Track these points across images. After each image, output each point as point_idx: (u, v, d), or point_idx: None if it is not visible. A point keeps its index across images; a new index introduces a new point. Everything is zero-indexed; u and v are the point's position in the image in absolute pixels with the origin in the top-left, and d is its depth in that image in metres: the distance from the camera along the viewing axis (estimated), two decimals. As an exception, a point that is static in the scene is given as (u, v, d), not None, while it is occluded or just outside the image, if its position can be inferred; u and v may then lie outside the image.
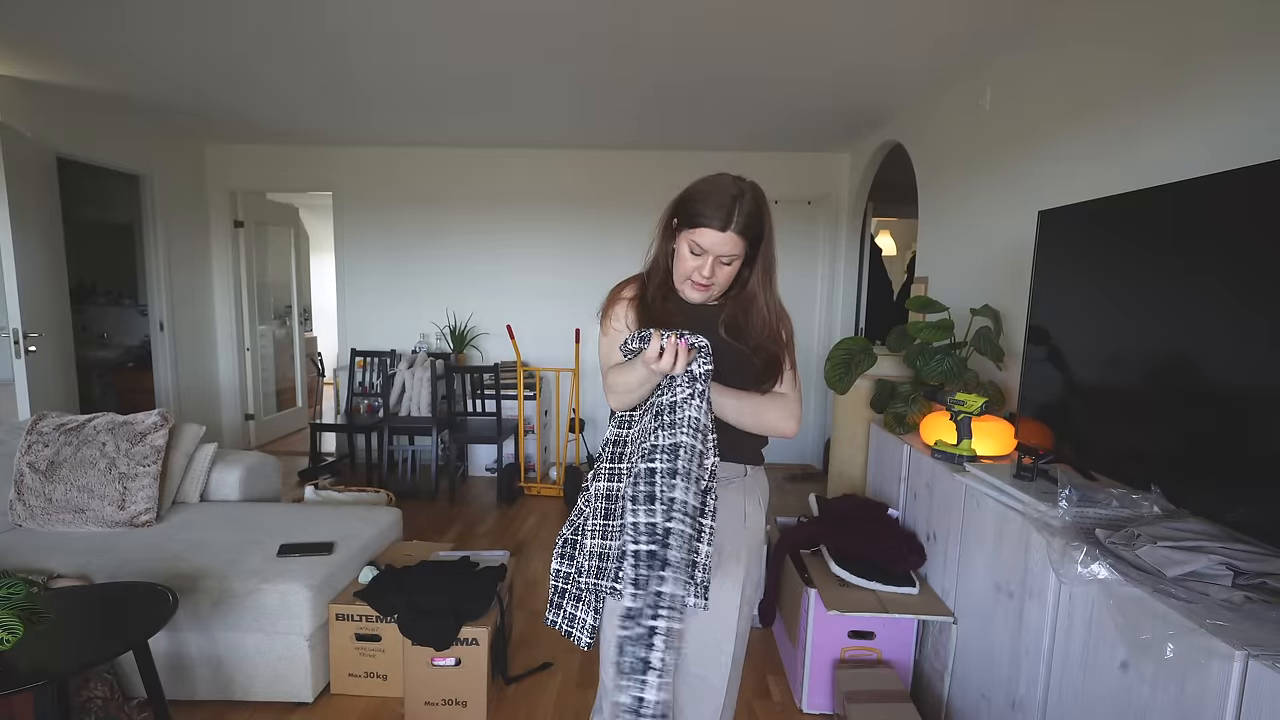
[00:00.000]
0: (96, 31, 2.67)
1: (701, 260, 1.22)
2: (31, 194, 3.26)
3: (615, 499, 1.20)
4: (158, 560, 2.08)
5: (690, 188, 1.24)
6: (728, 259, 1.22)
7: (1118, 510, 1.36)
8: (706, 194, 1.20)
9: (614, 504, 1.20)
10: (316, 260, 7.29)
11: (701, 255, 1.22)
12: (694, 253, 1.23)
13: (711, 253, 1.21)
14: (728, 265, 1.23)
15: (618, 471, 1.22)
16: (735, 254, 1.21)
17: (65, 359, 3.52)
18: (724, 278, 1.24)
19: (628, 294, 1.35)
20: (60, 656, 1.41)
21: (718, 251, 1.20)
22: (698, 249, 1.22)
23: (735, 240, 1.19)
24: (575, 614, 1.27)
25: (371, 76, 3.16)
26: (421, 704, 1.99)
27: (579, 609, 1.27)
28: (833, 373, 2.49)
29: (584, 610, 1.26)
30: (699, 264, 1.23)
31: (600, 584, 1.21)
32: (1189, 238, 1.32)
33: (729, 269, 1.24)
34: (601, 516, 1.22)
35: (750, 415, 1.27)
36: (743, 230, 1.19)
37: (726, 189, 1.20)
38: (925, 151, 3.32)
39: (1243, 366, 1.19)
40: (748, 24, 2.46)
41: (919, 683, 2.05)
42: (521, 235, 4.78)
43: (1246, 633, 0.97)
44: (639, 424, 1.20)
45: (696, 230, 1.20)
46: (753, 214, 1.20)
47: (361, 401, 4.57)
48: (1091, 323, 1.59)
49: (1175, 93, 1.74)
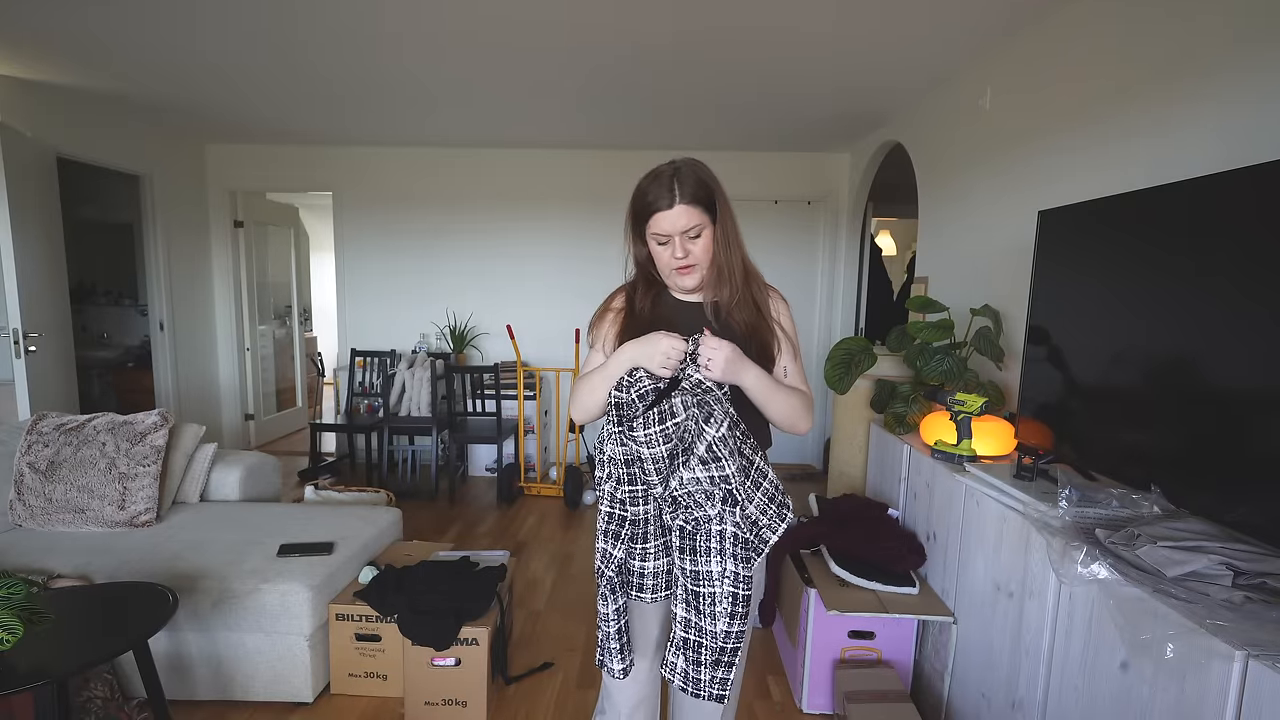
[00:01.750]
0: (96, 31, 2.67)
1: (670, 245, 1.24)
2: (31, 194, 3.26)
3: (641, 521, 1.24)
4: (158, 560, 2.08)
5: (635, 189, 1.27)
6: (693, 232, 1.23)
7: (1118, 510, 1.36)
8: (646, 186, 1.24)
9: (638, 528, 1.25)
10: (316, 260, 7.29)
11: (668, 241, 1.24)
12: (661, 243, 1.25)
13: (674, 233, 1.22)
14: (696, 239, 1.24)
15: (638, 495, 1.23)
16: (696, 224, 1.22)
17: (65, 359, 3.52)
18: (700, 250, 1.25)
19: (616, 304, 1.37)
20: (60, 656, 1.41)
21: (678, 228, 1.22)
22: (661, 237, 1.24)
23: (688, 211, 1.21)
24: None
25: (372, 77, 3.16)
26: (421, 704, 1.99)
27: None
28: (833, 373, 2.49)
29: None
30: (670, 249, 1.24)
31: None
32: (1190, 238, 1.32)
33: (700, 241, 1.24)
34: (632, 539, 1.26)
35: (780, 402, 1.28)
36: (690, 198, 1.20)
37: (662, 171, 1.23)
38: (925, 151, 3.32)
39: (1243, 366, 1.19)
40: (748, 25, 2.45)
41: (919, 683, 2.05)
42: (522, 235, 4.78)
43: (1246, 633, 0.97)
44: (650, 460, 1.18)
45: (651, 219, 1.23)
46: (695, 181, 1.21)
47: (361, 401, 4.57)
48: (1092, 323, 1.59)
49: (1175, 92, 1.73)
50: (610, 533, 1.25)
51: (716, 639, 1.18)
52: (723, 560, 1.16)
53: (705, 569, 1.17)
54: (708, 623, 1.18)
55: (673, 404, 1.13)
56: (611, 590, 1.27)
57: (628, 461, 1.21)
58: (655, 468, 1.15)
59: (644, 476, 1.19)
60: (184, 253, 4.59)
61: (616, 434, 1.21)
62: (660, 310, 1.33)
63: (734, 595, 1.17)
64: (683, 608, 1.21)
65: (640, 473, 1.20)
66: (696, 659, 1.20)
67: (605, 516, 1.26)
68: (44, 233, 3.36)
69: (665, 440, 1.13)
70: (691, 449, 1.13)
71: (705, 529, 1.17)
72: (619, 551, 1.25)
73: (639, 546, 1.25)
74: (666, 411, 1.13)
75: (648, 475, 1.18)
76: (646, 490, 1.21)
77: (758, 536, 1.19)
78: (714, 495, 1.14)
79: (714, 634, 1.18)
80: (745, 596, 1.18)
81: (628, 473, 1.21)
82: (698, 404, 1.12)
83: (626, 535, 1.24)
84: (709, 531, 1.17)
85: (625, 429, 1.17)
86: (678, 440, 1.13)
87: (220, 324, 4.94)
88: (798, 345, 1.38)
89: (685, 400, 1.12)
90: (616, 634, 1.29)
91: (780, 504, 1.21)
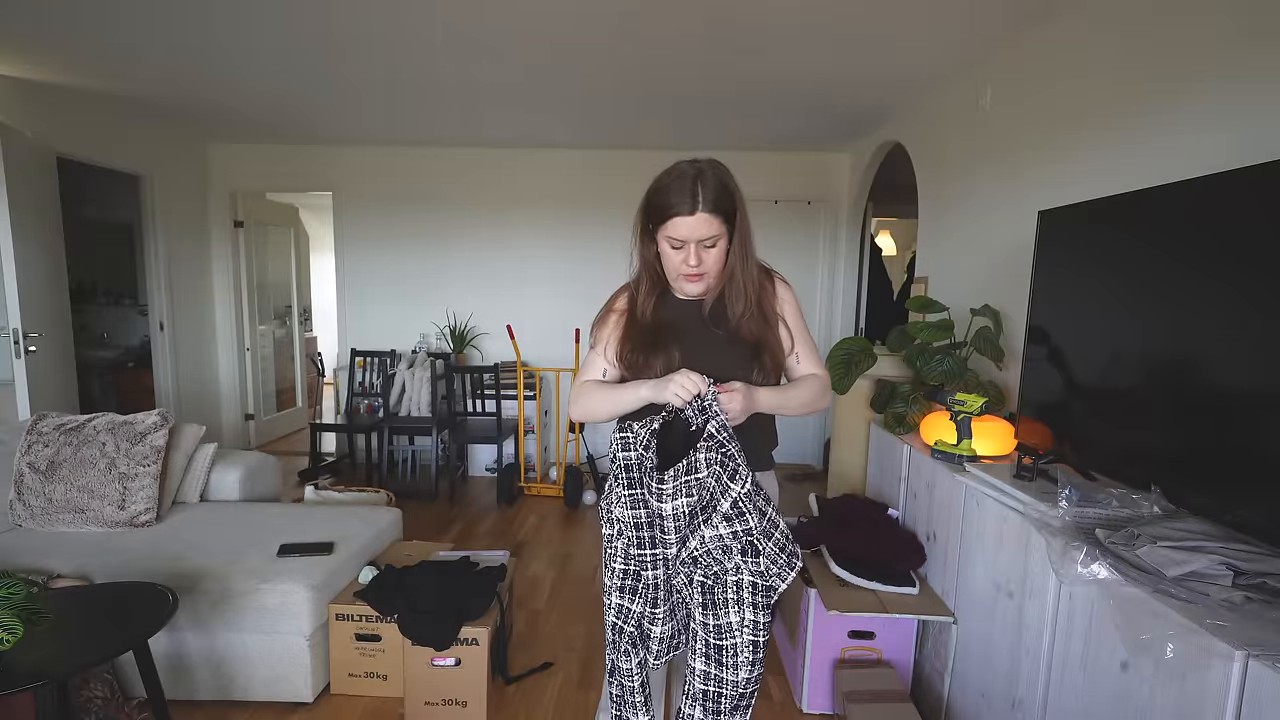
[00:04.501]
0: (96, 32, 2.67)
1: (684, 251, 1.19)
2: (31, 194, 3.26)
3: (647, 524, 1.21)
4: (158, 560, 2.07)
5: (651, 185, 1.21)
6: (709, 241, 1.18)
7: (1118, 510, 1.36)
8: (667, 185, 1.18)
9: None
10: (316, 260, 7.29)
11: (682, 246, 1.19)
12: (674, 247, 1.20)
13: (690, 240, 1.18)
14: (711, 248, 1.20)
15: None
16: (714, 234, 1.18)
17: (65, 359, 3.52)
18: (712, 261, 1.21)
19: (619, 305, 1.34)
20: (60, 656, 1.41)
21: (696, 236, 1.17)
22: (676, 242, 1.19)
23: (708, 220, 1.16)
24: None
25: (372, 77, 3.16)
26: (421, 704, 1.99)
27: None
28: (833, 373, 2.49)
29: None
30: (683, 255, 1.20)
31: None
32: (1190, 238, 1.31)
33: (714, 251, 1.20)
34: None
35: (795, 404, 1.29)
36: (712, 207, 1.16)
37: (685, 173, 1.17)
38: (925, 151, 3.32)
39: (1243, 366, 1.19)
40: (748, 25, 2.45)
41: (919, 683, 2.05)
42: (522, 235, 4.78)
43: (1246, 633, 0.97)
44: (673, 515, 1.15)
45: (668, 223, 1.18)
46: (718, 189, 1.17)
47: (361, 401, 4.57)
48: (1091, 323, 1.59)
49: (1175, 92, 1.73)
50: (627, 588, 1.22)
51: (738, 687, 1.17)
52: (740, 610, 1.16)
53: (725, 620, 1.16)
54: (729, 673, 1.17)
55: (694, 460, 1.11)
56: (633, 645, 1.24)
57: (637, 525, 1.18)
58: (675, 525, 1.12)
59: (662, 536, 1.15)
60: (184, 253, 4.59)
61: (627, 497, 1.18)
62: (662, 313, 1.31)
63: (754, 644, 1.16)
64: (701, 661, 1.18)
65: (659, 533, 1.16)
66: (716, 708, 1.19)
67: (620, 573, 1.23)
68: (44, 233, 3.36)
69: (689, 493, 1.10)
70: (714, 506, 1.11)
71: (723, 580, 1.16)
72: (638, 606, 1.22)
73: (650, 610, 1.23)
74: (691, 465, 1.11)
75: (665, 534, 1.14)
76: (656, 556, 1.19)
77: (767, 585, 1.18)
78: (732, 550, 1.13)
79: (735, 683, 1.17)
80: (764, 643, 1.18)
81: (636, 536, 1.19)
82: (720, 461, 1.10)
83: (645, 588, 1.22)
84: (725, 583, 1.16)
85: (648, 485, 1.14)
86: (698, 496, 1.11)
87: (220, 324, 4.94)
88: (805, 329, 1.36)
89: (709, 457, 1.10)
90: (640, 688, 1.27)
91: (790, 554, 1.20)
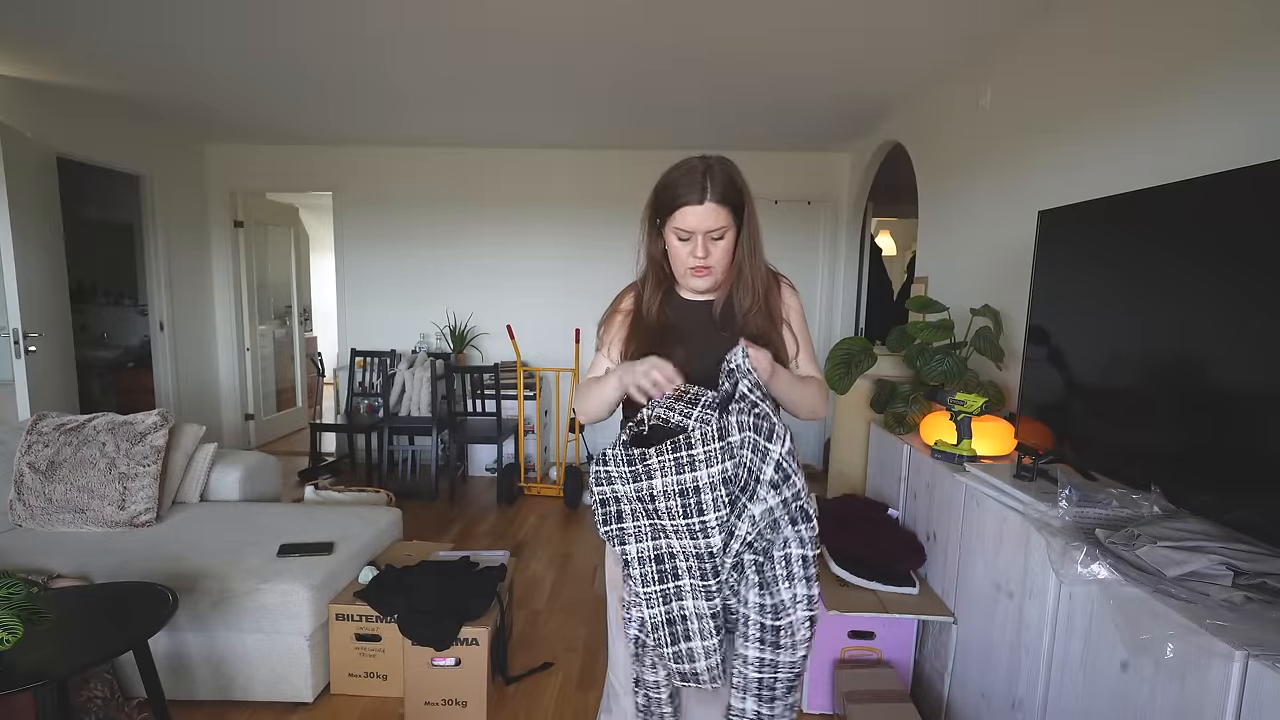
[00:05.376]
0: (96, 31, 2.67)
1: (692, 243, 1.20)
2: (31, 194, 3.26)
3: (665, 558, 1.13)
4: (158, 560, 2.07)
5: (660, 180, 1.22)
6: (717, 232, 1.19)
7: (1118, 510, 1.36)
8: (676, 177, 1.19)
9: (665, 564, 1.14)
10: (316, 260, 7.29)
11: (689, 238, 1.19)
12: (682, 239, 1.20)
13: (698, 231, 1.18)
14: (719, 240, 1.20)
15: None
16: (722, 225, 1.18)
17: (65, 359, 3.52)
18: (719, 254, 1.21)
19: (625, 305, 1.34)
20: (60, 656, 1.41)
21: (704, 227, 1.17)
22: (684, 233, 1.19)
23: (716, 210, 1.17)
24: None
25: (373, 77, 3.16)
26: (421, 704, 1.99)
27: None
28: (833, 373, 2.49)
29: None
30: (690, 247, 1.20)
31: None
32: (1191, 237, 1.31)
33: (722, 244, 1.20)
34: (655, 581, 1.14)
35: (803, 399, 1.27)
36: (720, 198, 1.16)
37: (694, 166, 1.18)
38: (925, 151, 3.32)
39: (1243, 366, 1.19)
40: (747, 26, 2.45)
41: (919, 683, 2.05)
42: (521, 235, 4.78)
43: (1246, 633, 0.97)
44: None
45: (676, 213, 1.18)
46: (726, 180, 1.18)
47: (361, 401, 4.57)
48: (1091, 322, 1.59)
49: (1175, 92, 1.73)
50: (660, 623, 1.14)
51: (794, 668, 1.12)
52: (792, 584, 1.09)
53: (778, 599, 1.09)
54: (785, 655, 1.11)
55: (726, 422, 1.05)
56: (660, 656, 1.17)
57: (658, 558, 1.12)
58: (716, 504, 1.04)
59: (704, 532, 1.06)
60: (184, 253, 4.59)
61: (634, 529, 1.12)
62: (667, 312, 1.30)
63: (810, 619, 1.10)
64: (755, 647, 1.11)
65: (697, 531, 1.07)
66: (771, 696, 1.13)
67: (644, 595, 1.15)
68: (44, 233, 3.36)
69: (726, 457, 1.03)
70: (758, 476, 1.03)
71: (771, 556, 1.09)
72: (663, 614, 1.14)
73: (685, 646, 1.13)
74: (723, 429, 1.05)
75: (707, 523, 1.05)
76: (708, 588, 1.10)
77: (814, 555, 1.12)
78: (782, 521, 1.06)
79: (791, 664, 1.12)
80: (817, 618, 1.12)
81: (657, 569, 1.11)
82: (752, 425, 1.03)
83: (674, 596, 1.13)
84: (774, 559, 1.09)
85: (682, 452, 1.06)
86: (736, 467, 1.04)
87: (220, 324, 4.94)
88: (809, 336, 1.36)
89: (741, 420, 1.03)
90: (669, 699, 1.23)
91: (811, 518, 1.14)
